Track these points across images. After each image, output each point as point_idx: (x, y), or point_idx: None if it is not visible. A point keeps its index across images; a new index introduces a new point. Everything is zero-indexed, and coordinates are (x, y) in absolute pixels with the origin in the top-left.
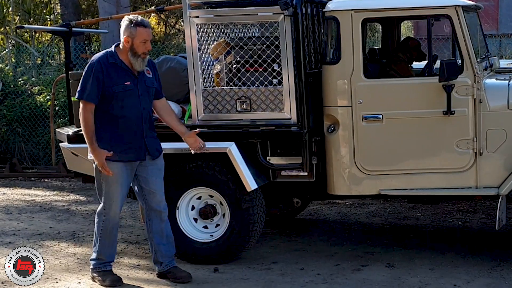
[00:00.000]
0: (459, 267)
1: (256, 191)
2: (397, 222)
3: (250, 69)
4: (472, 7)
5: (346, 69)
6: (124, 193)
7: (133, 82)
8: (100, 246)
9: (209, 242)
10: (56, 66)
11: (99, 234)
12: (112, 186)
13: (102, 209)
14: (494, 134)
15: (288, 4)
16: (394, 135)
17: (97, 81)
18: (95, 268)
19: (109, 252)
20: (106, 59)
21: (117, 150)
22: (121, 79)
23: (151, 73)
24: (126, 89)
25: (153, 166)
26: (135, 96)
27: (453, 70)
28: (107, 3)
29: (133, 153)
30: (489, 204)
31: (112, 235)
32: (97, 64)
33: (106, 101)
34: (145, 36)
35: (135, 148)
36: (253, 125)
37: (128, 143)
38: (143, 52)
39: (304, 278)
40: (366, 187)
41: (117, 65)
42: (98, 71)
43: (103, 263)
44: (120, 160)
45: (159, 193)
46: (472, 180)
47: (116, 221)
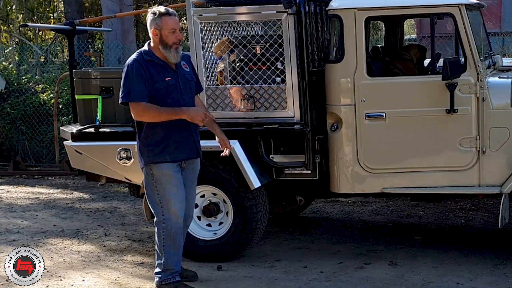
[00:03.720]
0: (462, 265)
1: (259, 189)
2: (400, 220)
3: (254, 68)
4: (475, 5)
5: (349, 68)
6: (182, 194)
7: (174, 77)
8: (167, 256)
9: (213, 240)
10: (59, 64)
11: (163, 243)
12: (167, 187)
13: (160, 216)
14: (497, 133)
15: (291, 3)
16: (397, 134)
17: (141, 78)
18: (163, 281)
19: (176, 259)
20: (142, 57)
21: (168, 150)
22: (161, 75)
23: (188, 67)
24: (168, 85)
25: (191, 171)
26: (178, 91)
27: (456, 68)
28: (110, 2)
29: (184, 152)
30: (491, 203)
31: (177, 240)
32: (136, 63)
33: (152, 100)
34: (172, 25)
35: (186, 146)
36: (256, 123)
37: (177, 141)
38: (173, 42)
39: (307, 276)
40: (369, 185)
41: (154, 61)
42: (139, 69)
43: (171, 274)
44: (172, 160)
45: (192, 199)
46: (475, 179)
47: (180, 225)
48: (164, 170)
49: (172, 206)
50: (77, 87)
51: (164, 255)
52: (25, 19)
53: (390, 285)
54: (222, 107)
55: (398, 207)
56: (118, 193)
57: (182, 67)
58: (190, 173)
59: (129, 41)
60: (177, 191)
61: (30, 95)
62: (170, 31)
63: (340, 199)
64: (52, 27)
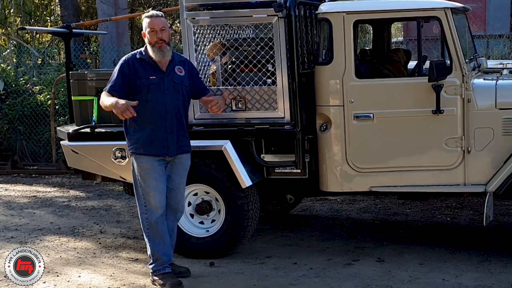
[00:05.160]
0: (448, 262)
1: (250, 187)
2: (387, 218)
3: (245, 70)
4: (461, 9)
5: (338, 70)
6: (161, 187)
7: (159, 77)
8: (152, 245)
9: (205, 237)
10: (56, 66)
11: (147, 233)
12: (146, 179)
13: (143, 207)
14: (481, 133)
15: (282, 6)
16: (385, 134)
17: (121, 74)
18: (154, 272)
19: (162, 249)
20: (134, 56)
21: (143, 143)
22: (146, 73)
23: (184, 71)
24: (150, 83)
25: (179, 166)
26: (160, 91)
27: (442, 70)
28: (105, 5)
29: (155, 148)
30: (476, 201)
31: (159, 230)
32: (124, 60)
33: (133, 95)
34: (151, 25)
35: (158, 142)
36: (248, 123)
37: (151, 137)
38: (155, 41)
39: (297, 272)
40: (357, 184)
41: (145, 60)
42: (124, 66)
43: (162, 265)
44: (147, 154)
45: (180, 192)
46: (460, 178)
47: (159, 214)
48: (143, 163)
49: (152, 198)
50: (73, 89)
51: (149, 245)
52: (23, 22)
53: (378, 281)
54: None
55: (385, 205)
56: (113, 192)
57: (175, 70)
58: (178, 168)
59: (123, 44)
60: (156, 184)
61: (27, 96)
62: (150, 31)
63: (329, 198)
64: (49, 30)
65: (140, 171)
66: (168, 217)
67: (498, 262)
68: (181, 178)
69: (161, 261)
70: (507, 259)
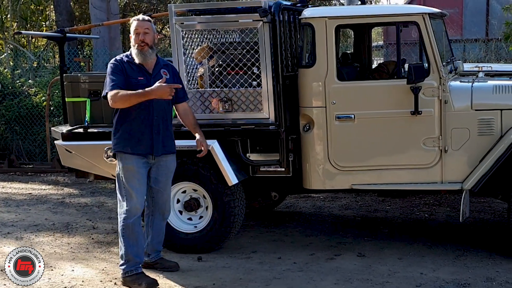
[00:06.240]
0: (426, 256)
1: (237, 185)
2: (367, 214)
3: (231, 72)
4: (438, 14)
5: (320, 72)
6: (143, 189)
7: (146, 78)
8: (126, 246)
9: (193, 233)
10: (51, 69)
11: (122, 233)
12: (130, 180)
13: (124, 207)
14: (458, 133)
15: (266, 12)
16: (365, 134)
17: (120, 72)
18: (126, 273)
19: (136, 251)
20: (122, 58)
21: (130, 143)
22: (134, 74)
23: (169, 74)
24: (139, 83)
25: (164, 168)
26: None
27: (420, 73)
28: (98, 11)
29: (143, 147)
30: (453, 198)
31: (135, 231)
32: (115, 62)
33: None
34: (138, 28)
35: (144, 142)
36: (234, 124)
37: (138, 136)
38: (137, 43)
39: (282, 267)
40: (339, 182)
41: (132, 62)
42: (118, 65)
43: (134, 265)
44: (133, 153)
45: (167, 193)
46: (437, 176)
47: (137, 216)
48: (128, 164)
49: (133, 199)
50: (67, 90)
51: (123, 245)
52: (19, 27)
53: (358, 275)
54: (202, 109)
55: (366, 202)
56: (105, 189)
57: (161, 73)
58: (164, 169)
59: (115, 48)
60: (139, 185)
61: (23, 97)
62: (133, 33)
63: (312, 195)
64: (44, 35)
65: (124, 172)
66: (156, 217)
67: (473, 257)
68: (167, 180)
69: (134, 261)
70: (482, 253)
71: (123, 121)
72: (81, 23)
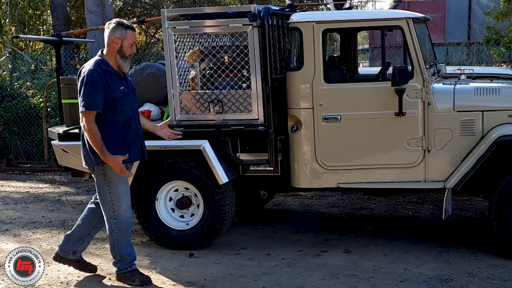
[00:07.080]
0: (410, 252)
1: (227, 184)
2: (353, 212)
3: (222, 75)
4: (422, 18)
5: (308, 75)
6: (129, 192)
7: (125, 86)
8: (121, 248)
9: (185, 230)
10: (48, 71)
11: (116, 237)
12: (119, 186)
13: (111, 213)
14: (441, 133)
15: (256, 16)
16: (351, 134)
17: (100, 89)
18: (121, 270)
19: (129, 251)
20: (100, 67)
21: (122, 152)
22: (116, 84)
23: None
24: (123, 94)
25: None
26: (129, 99)
27: (404, 75)
28: (94, 15)
29: (133, 154)
30: (436, 196)
31: (127, 233)
32: (95, 74)
33: (108, 109)
34: (134, 39)
35: (134, 149)
36: (224, 125)
37: (129, 144)
38: (129, 54)
39: (270, 263)
40: (326, 181)
41: (110, 71)
42: (97, 81)
43: (129, 263)
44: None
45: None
46: (421, 175)
47: (129, 219)
48: None
49: (122, 204)
50: (64, 92)
51: (117, 248)
52: (17, 31)
53: (344, 271)
54: (193, 110)
55: (352, 201)
56: None
57: (128, 77)
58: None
59: None
60: (127, 189)
61: (21, 99)
62: (130, 44)
63: (300, 193)
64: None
65: (113, 178)
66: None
67: (456, 253)
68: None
69: (128, 260)
70: (464, 250)
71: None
72: (77, 27)
